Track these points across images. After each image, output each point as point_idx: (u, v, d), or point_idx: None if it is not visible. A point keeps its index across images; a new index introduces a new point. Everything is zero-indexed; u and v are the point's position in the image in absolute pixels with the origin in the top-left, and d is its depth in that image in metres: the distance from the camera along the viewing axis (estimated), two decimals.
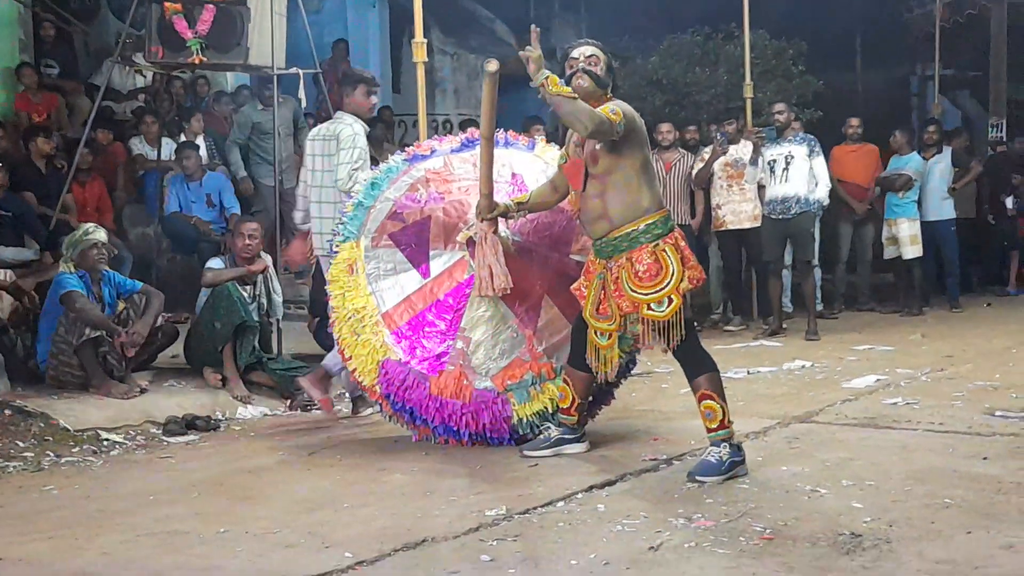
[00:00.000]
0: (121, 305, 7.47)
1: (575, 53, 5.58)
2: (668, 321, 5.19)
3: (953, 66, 16.90)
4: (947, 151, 12.11)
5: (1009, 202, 13.03)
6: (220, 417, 7.32)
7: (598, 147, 5.33)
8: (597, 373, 5.56)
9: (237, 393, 7.66)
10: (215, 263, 8.06)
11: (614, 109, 5.26)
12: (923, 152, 11.99)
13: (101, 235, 7.26)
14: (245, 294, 7.88)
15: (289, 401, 7.79)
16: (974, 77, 17.31)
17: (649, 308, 5.21)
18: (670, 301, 5.17)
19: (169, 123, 11.03)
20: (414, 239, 6.17)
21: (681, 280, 5.21)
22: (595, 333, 5.50)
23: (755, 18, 11.84)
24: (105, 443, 6.61)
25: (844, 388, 7.42)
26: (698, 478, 5.06)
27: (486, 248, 5.74)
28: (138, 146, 10.72)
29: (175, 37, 8.73)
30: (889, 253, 11.88)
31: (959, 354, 8.84)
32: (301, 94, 9.45)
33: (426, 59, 7.98)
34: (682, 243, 5.33)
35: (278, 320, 8.43)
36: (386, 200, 6.29)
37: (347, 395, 7.46)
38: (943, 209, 11.91)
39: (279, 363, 8.04)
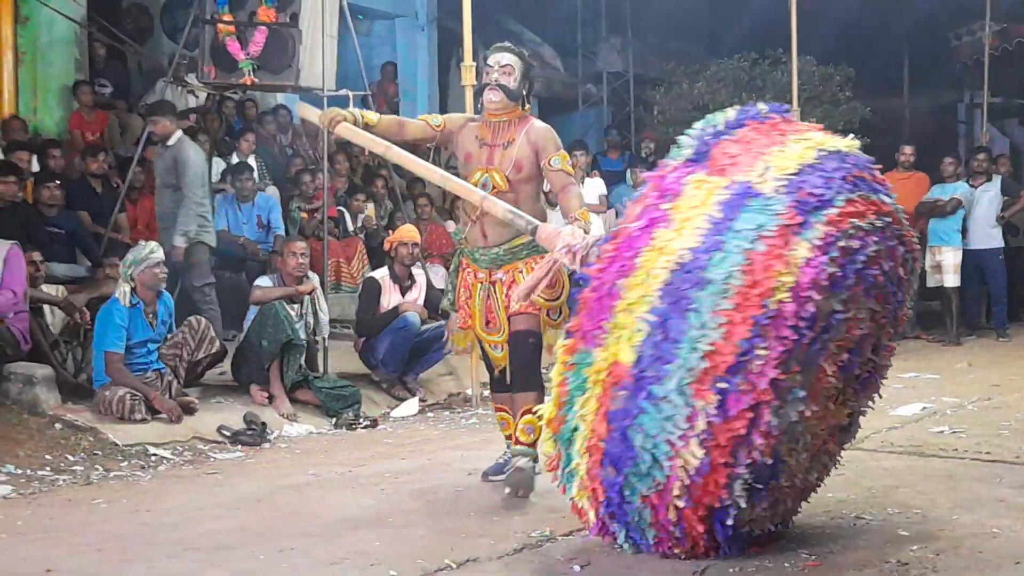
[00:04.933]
0: (178, 333, 7.53)
1: (491, 60, 5.51)
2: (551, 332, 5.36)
3: (1001, 94, 16.79)
4: (997, 179, 12.03)
5: None
6: (269, 432, 7.38)
7: (524, 156, 5.41)
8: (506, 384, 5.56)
9: (283, 411, 7.73)
10: (263, 281, 8.15)
11: (571, 162, 5.55)
12: (971, 180, 11.91)
13: (161, 254, 7.37)
14: (292, 313, 7.95)
15: (334, 419, 7.84)
16: (1022, 105, 17.19)
17: (548, 314, 5.39)
18: (560, 312, 5.37)
19: (219, 143, 11.15)
20: None
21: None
22: (490, 347, 5.59)
23: (802, 44, 11.84)
24: (153, 458, 6.68)
25: (890, 416, 7.37)
26: (520, 493, 5.26)
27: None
28: None
29: (228, 58, 8.85)
30: (933, 282, 11.82)
31: (1006, 383, 8.76)
32: None
33: (475, 82, 8.04)
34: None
35: (324, 339, 8.49)
36: None
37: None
38: (991, 238, 11.82)
39: (325, 381, 8.10)
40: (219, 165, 10.70)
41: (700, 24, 15.93)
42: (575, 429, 4.12)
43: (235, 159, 10.80)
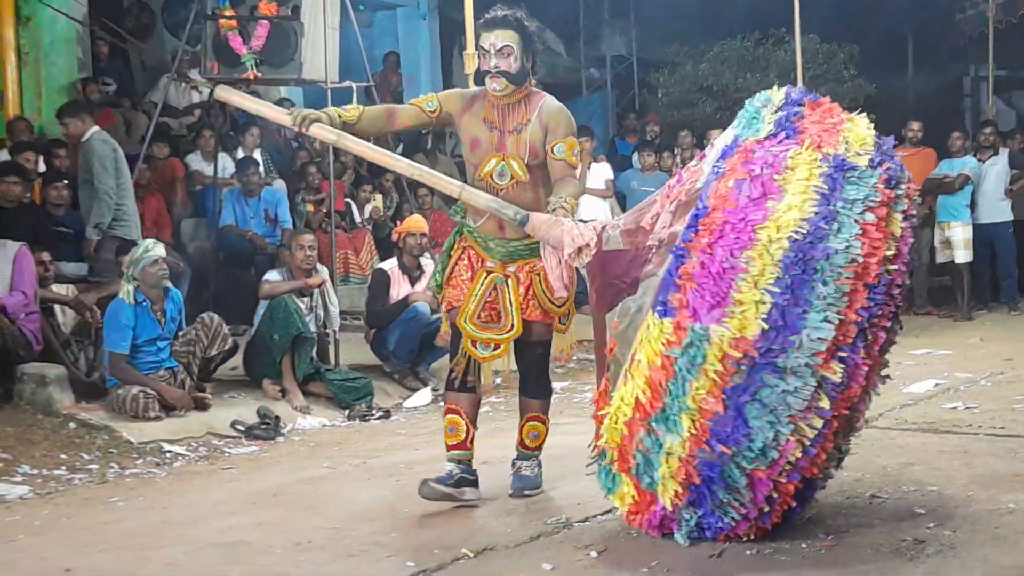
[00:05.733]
0: (191, 330, 7.54)
1: (484, 43, 4.94)
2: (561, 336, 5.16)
3: (1006, 66, 16.72)
4: (1004, 152, 11.99)
5: None
6: (283, 425, 7.39)
7: (537, 140, 4.93)
8: (478, 388, 5.11)
9: (296, 404, 7.74)
10: (272, 275, 8.16)
11: (576, 151, 4.99)
12: (979, 154, 11.88)
13: (160, 250, 7.34)
14: (302, 306, 7.96)
15: (347, 411, 7.86)
16: None
17: (560, 321, 5.10)
18: (567, 315, 5.12)
19: (224, 137, 11.16)
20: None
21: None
22: (473, 344, 5.00)
23: (805, 22, 11.78)
24: (168, 455, 6.70)
25: (903, 393, 7.36)
26: (527, 493, 5.14)
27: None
28: (195, 161, 10.84)
29: (230, 53, 8.83)
30: (943, 257, 11.80)
31: (1019, 357, 8.74)
32: None
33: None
34: None
35: (335, 331, 8.50)
36: None
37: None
38: (1000, 211, 11.78)
39: (337, 374, 8.11)
40: (225, 160, 10.70)
41: (702, 5, 15.85)
42: (681, 410, 4.00)
43: (240, 154, 10.80)
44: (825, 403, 3.95)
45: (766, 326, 3.89)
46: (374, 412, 7.88)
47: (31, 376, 7.09)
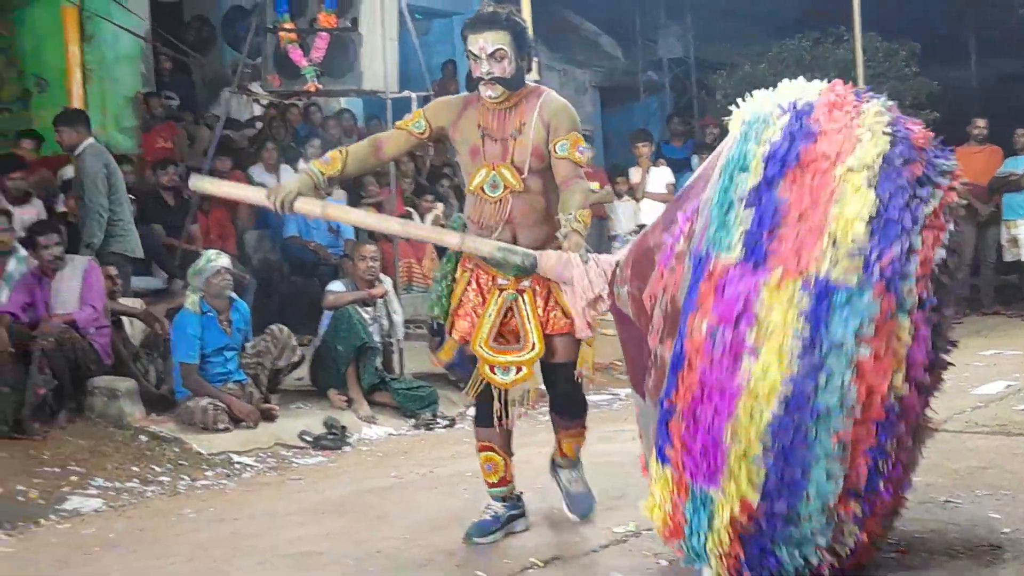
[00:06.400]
0: (260, 342, 7.60)
1: (474, 47, 4.47)
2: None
3: None
4: None
5: None
6: (349, 435, 7.43)
7: (540, 140, 4.51)
8: (505, 419, 4.66)
9: (362, 414, 7.79)
10: (336, 286, 8.22)
11: (582, 149, 4.56)
12: None
13: (224, 261, 7.43)
14: (366, 316, 8.02)
15: (412, 420, 7.89)
16: None
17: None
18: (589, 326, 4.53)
19: (286, 149, 11.26)
20: None
21: None
22: (491, 370, 4.59)
23: (865, 20, 11.67)
24: (237, 466, 6.78)
25: (973, 395, 7.26)
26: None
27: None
28: (258, 173, 10.94)
29: (290, 65, 8.91)
30: (1010, 256, 11.63)
31: None
32: None
33: (538, 77, 8.04)
34: None
35: (399, 340, 8.55)
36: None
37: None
38: None
39: (401, 383, 8.16)
40: (287, 172, 10.79)
41: (760, 5, 15.76)
42: (699, 556, 3.74)
43: (302, 165, 10.88)
44: (851, 533, 3.64)
45: (760, 495, 3.54)
46: (439, 421, 7.91)
47: (102, 390, 7.22)
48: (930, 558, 4.04)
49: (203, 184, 4.90)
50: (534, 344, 4.54)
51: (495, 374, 4.58)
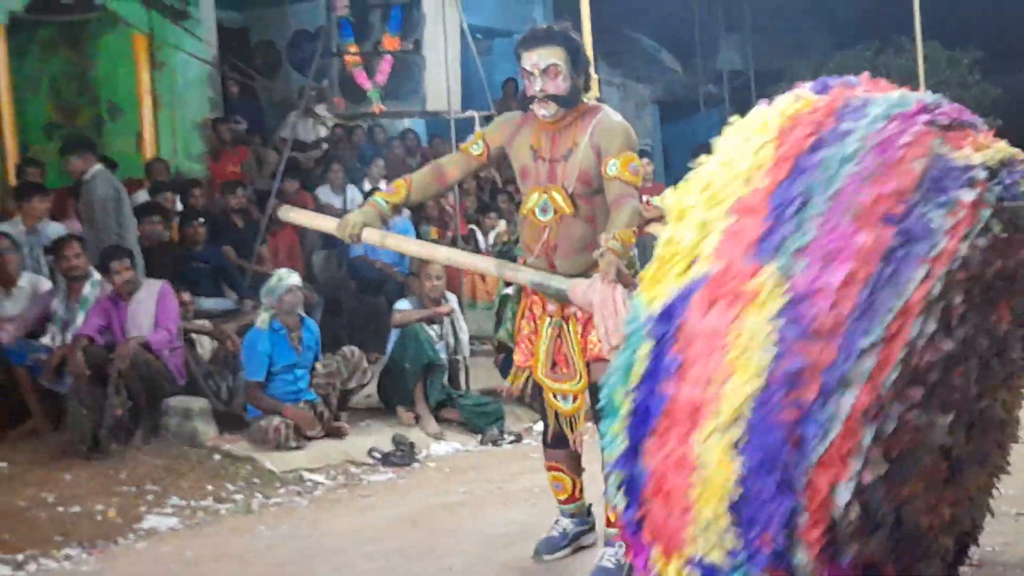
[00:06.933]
0: (332, 362, 7.71)
1: (527, 64, 4.37)
2: None
3: None
4: None
5: None
6: (418, 451, 7.52)
7: (589, 165, 4.38)
8: (572, 442, 4.65)
9: (430, 430, 7.87)
10: (403, 304, 8.32)
11: (635, 168, 4.36)
12: None
13: (295, 279, 7.54)
14: (432, 334, 8.11)
15: (480, 436, 7.97)
16: None
17: None
18: None
19: (351, 170, 11.42)
20: None
21: None
22: (553, 396, 4.60)
23: (926, 28, 11.61)
24: (308, 483, 6.87)
25: None
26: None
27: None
28: (324, 194, 11.10)
29: (355, 88, 9.08)
30: None
31: None
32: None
33: (597, 93, 8.08)
34: None
35: (465, 357, 8.62)
36: None
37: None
38: None
39: (468, 399, 8.23)
40: (353, 192, 10.94)
41: (819, 16, 15.73)
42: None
43: (367, 185, 11.03)
44: None
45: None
46: (506, 436, 7.97)
47: (176, 409, 7.36)
48: (1004, 571, 4.04)
49: (291, 215, 5.04)
50: (579, 373, 4.50)
51: (557, 400, 4.60)
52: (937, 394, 3.10)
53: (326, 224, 4.84)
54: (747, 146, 3.42)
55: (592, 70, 4.82)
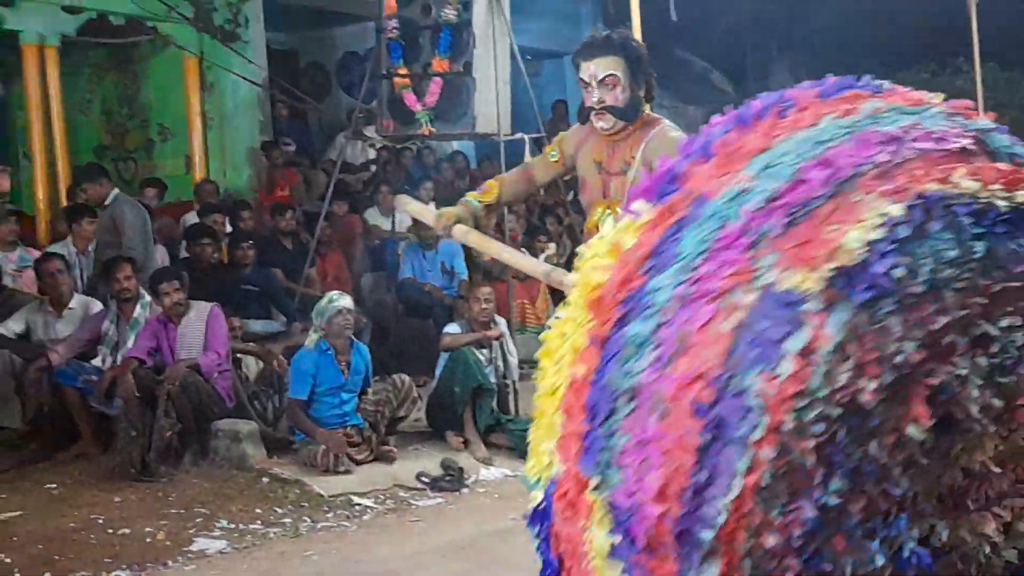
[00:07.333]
0: (381, 390, 7.65)
1: (585, 74, 4.19)
2: None
3: None
4: None
5: None
6: (467, 476, 7.43)
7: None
8: None
9: (479, 455, 7.79)
10: (452, 328, 8.26)
11: None
12: None
13: (346, 301, 7.51)
14: (482, 358, 8.04)
15: None
16: None
17: None
18: None
19: (400, 192, 11.39)
20: None
21: None
22: None
23: (983, 50, 11.46)
24: (357, 507, 6.81)
25: None
26: None
27: None
28: (373, 216, 11.10)
29: (404, 110, 9.03)
30: None
31: None
32: (527, 158, 9.60)
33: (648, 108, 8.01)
34: None
35: (514, 381, 8.55)
36: None
37: None
38: None
39: (518, 424, 8.13)
40: (402, 215, 10.92)
41: (875, 36, 15.58)
42: None
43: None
44: None
45: None
46: None
47: (225, 432, 7.34)
48: None
49: (408, 206, 5.07)
50: None
51: None
52: (833, 542, 2.47)
53: (429, 215, 4.75)
54: (572, 311, 2.87)
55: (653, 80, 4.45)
